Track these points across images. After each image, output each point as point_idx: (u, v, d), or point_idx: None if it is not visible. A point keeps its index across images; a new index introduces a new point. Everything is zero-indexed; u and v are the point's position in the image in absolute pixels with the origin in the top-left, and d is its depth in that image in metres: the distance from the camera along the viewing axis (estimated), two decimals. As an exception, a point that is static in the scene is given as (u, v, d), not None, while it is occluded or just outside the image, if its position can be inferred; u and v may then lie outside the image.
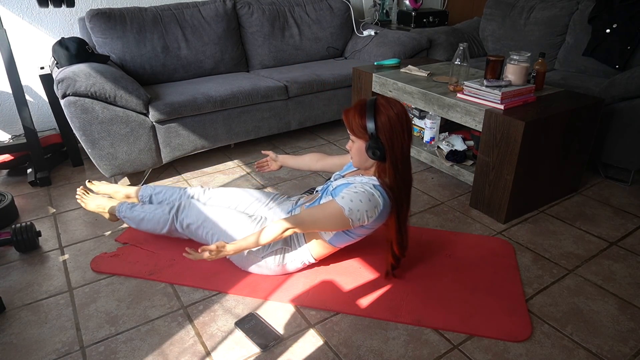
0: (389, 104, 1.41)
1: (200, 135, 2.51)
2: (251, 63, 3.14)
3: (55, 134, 2.71)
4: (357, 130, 1.44)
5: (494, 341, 1.42)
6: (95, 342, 1.44)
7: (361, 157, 1.48)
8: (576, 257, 1.82)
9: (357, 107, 1.44)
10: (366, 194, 1.43)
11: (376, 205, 1.44)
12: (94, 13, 2.59)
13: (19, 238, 1.83)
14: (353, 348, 1.40)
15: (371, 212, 1.44)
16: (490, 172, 2.02)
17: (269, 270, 1.66)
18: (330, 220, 1.44)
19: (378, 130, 1.39)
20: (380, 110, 1.40)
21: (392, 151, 1.42)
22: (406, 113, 1.43)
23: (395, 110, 1.40)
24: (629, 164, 2.29)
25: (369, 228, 1.54)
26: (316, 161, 1.88)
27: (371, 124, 1.39)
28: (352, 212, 1.42)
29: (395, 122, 1.39)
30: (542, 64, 2.15)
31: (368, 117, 1.39)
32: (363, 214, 1.43)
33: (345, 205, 1.42)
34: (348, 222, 1.43)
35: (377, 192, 1.45)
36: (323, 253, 1.65)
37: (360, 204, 1.42)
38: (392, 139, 1.40)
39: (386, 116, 1.39)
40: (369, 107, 1.40)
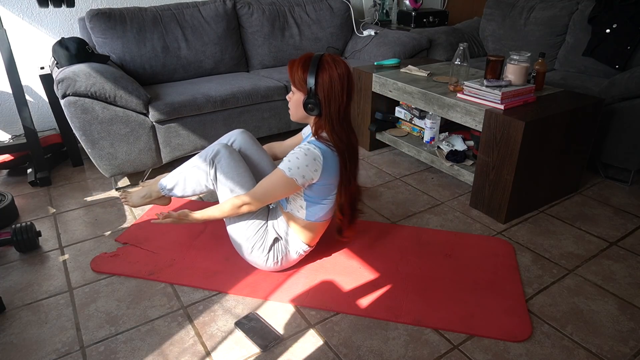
0: (334, 63, 1.43)
1: (200, 135, 2.51)
2: (251, 63, 3.14)
3: (55, 134, 2.71)
4: (297, 83, 1.47)
5: (494, 341, 1.42)
6: (95, 342, 1.44)
7: (298, 110, 1.52)
8: (576, 257, 1.82)
9: (301, 60, 1.46)
10: (302, 150, 1.46)
11: (315, 157, 1.46)
12: (94, 13, 2.59)
13: (19, 238, 1.83)
14: (353, 348, 1.40)
15: (312, 164, 1.46)
16: (490, 172, 2.02)
17: (270, 268, 1.68)
18: (277, 186, 1.48)
19: (317, 86, 1.42)
20: (324, 67, 1.42)
21: (328, 108, 1.45)
22: (349, 75, 1.45)
23: (338, 71, 1.42)
24: (629, 164, 2.29)
25: (325, 184, 1.53)
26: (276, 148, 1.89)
27: (312, 79, 1.41)
28: (292, 170, 1.45)
29: (336, 82, 1.42)
30: (542, 64, 2.15)
31: (310, 72, 1.42)
32: (304, 169, 1.45)
33: (284, 167, 1.46)
34: (293, 181, 1.46)
35: (312, 145, 1.47)
36: (312, 235, 1.65)
37: (298, 161, 1.45)
38: (330, 97, 1.43)
39: (328, 74, 1.41)
40: (313, 62, 1.43)
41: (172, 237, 1.94)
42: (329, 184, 1.54)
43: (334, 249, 1.85)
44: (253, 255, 1.63)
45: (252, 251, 1.62)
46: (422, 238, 1.93)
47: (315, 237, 1.68)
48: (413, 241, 1.91)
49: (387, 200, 2.25)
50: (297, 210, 1.60)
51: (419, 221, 2.07)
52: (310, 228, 1.63)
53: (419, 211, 2.15)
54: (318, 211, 1.60)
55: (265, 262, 1.64)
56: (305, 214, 1.60)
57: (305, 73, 1.43)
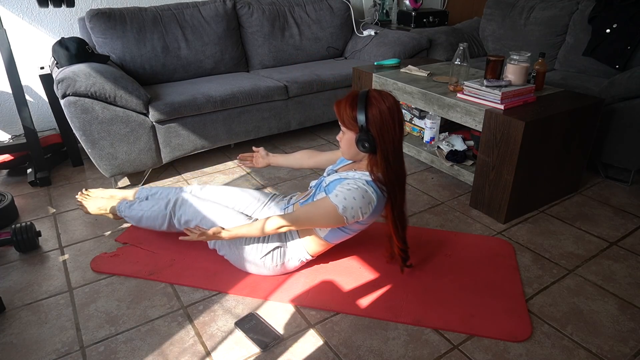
0: (380, 97, 1.41)
1: (200, 135, 2.51)
2: (251, 63, 3.14)
3: (55, 134, 2.71)
4: (347, 122, 1.44)
5: (494, 341, 1.42)
6: (95, 342, 1.44)
7: (351, 149, 1.49)
8: (576, 257, 1.82)
9: (348, 98, 1.44)
10: (360, 191, 1.43)
11: (370, 201, 1.45)
12: (94, 13, 2.59)
13: (19, 238, 1.83)
14: (353, 348, 1.40)
15: (365, 208, 1.44)
16: (490, 172, 2.02)
17: (267, 270, 1.66)
18: (325, 218, 1.45)
19: (368, 122, 1.39)
20: (372, 102, 1.40)
21: (382, 144, 1.41)
22: (398, 106, 1.43)
23: (387, 104, 1.40)
24: (629, 164, 2.29)
25: (364, 224, 1.55)
26: (308, 158, 1.88)
27: (362, 116, 1.39)
28: (346, 209, 1.42)
29: (386, 115, 1.39)
30: (542, 64, 2.15)
31: (359, 109, 1.39)
32: (357, 210, 1.43)
33: (339, 203, 1.42)
34: (342, 219, 1.44)
35: (370, 188, 1.45)
36: (319, 250, 1.65)
37: (354, 202, 1.42)
38: (383, 132, 1.40)
39: (377, 109, 1.39)
40: (361, 98, 1.41)
41: (172, 237, 1.94)
42: (366, 223, 1.55)
43: (333, 250, 1.85)
44: (251, 255, 1.62)
45: (250, 252, 1.62)
46: (422, 238, 1.93)
47: (321, 252, 1.68)
48: (413, 241, 1.90)
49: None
50: (319, 229, 1.58)
51: (419, 221, 2.07)
52: (322, 245, 1.64)
53: (419, 211, 2.15)
54: (339, 237, 1.60)
55: (264, 263, 1.63)
56: (326, 234, 1.59)
57: (354, 110, 1.41)
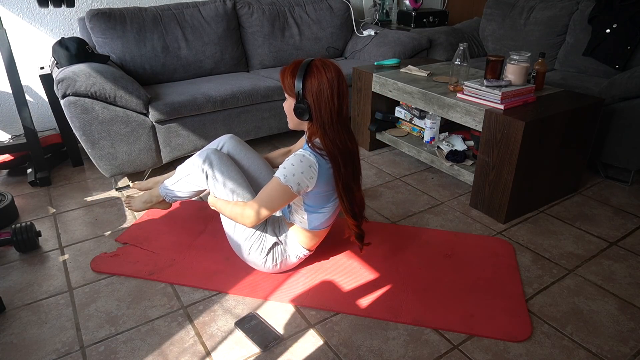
0: (323, 67, 1.41)
1: (200, 135, 2.51)
2: (251, 63, 3.14)
3: (55, 134, 2.71)
4: (288, 89, 1.46)
5: (494, 341, 1.42)
6: (95, 342, 1.44)
7: (291, 116, 1.51)
8: (576, 257, 1.82)
9: (291, 66, 1.45)
10: (296, 157, 1.44)
11: (310, 164, 1.43)
12: (94, 13, 2.59)
13: (19, 238, 1.83)
14: (353, 348, 1.40)
15: (307, 172, 1.43)
16: (490, 172, 2.02)
17: (267, 269, 1.67)
18: (274, 195, 1.46)
19: (305, 91, 1.41)
20: (313, 71, 1.40)
21: (318, 113, 1.42)
22: (340, 77, 1.43)
23: (327, 75, 1.40)
24: (629, 164, 2.29)
25: (321, 191, 1.51)
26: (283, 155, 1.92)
27: (299, 84, 1.40)
28: (287, 178, 1.43)
29: (325, 86, 1.40)
30: (542, 64, 2.15)
31: (298, 77, 1.40)
32: (299, 176, 1.43)
33: (280, 174, 1.44)
34: (288, 189, 1.43)
35: (307, 152, 1.45)
36: (313, 241, 1.65)
37: (292, 167, 1.43)
38: (319, 101, 1.41)
39: (316, 79, 1.40)
40: (302, 67, 1.41)
41: (172, 237, 1.94)
42: (325, 192, 1.52)
43: (333, 250, 1.85)
44: (251, 256, 1.63)
45: (250, 252, 1.62)
46: (422, 238, 1.93)
47: (316, 244, 1.68)
48: (413, 241, 1.91)
49: (387, 200, 2.25)
50: (299, 221, 1.60)
51: (419, 221, 2.07)
52: (312, 235, 1.63)
53: (419, 211, 2.15)
54: (318, 219, 1.59)
55: (264, 263, 1.64)
56: (307, 223, 1.59)
57: (294, 78, 1.42)
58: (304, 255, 1.67)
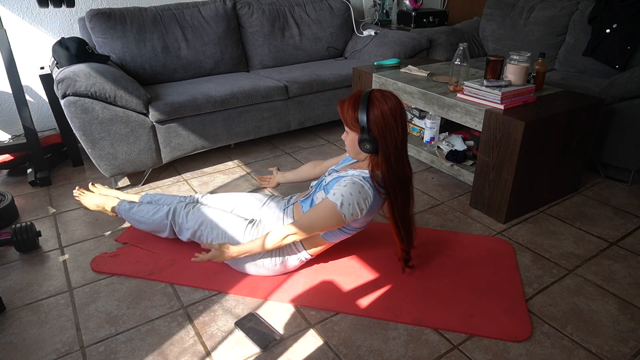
0: (383, 97, 1.41)
1: (200, 135, 2.51)
2: (251, 63, 3.14)
3: (55, 134, 2.71)
4: (350, 122, 1.45)
5: (494, 341, 1.42)
6: (95, 342, 1.44)
7: (354, 149, 1.50)
8: (576, 257, 1.82)
9: (351, 99, 1.44)
10: (355, 186, 1.44)
11: (366, 196, 1.45)
12: (94, 13, 2.59)
13: (19, 238, 1.83)
14: (353, 348, 1.40)
15: (362, 203, 1.44)
16: (490, 172, 2.02)
17: (267, 271, 1.66)
18: (325, 218, 1.46)
19: (370, 123, 1.40)
20: (374, 103, 1.40)
21: (384, 145, 1.42)
22: (401, 107, 1.43)
23: (389, 105, 1.40)
24: (629, 164, 2.29)
25: (361, 221, 1.54)
26: (313, 167, 1.90)
27: (363, 117, 1.39)
28: (343, 206, 1.42)
29: (388, 117, 1.39)
30: (542, 64, 2.15)
31: (361, 110, 1.40)
32: (355, 206, 1.43)
33: (336, 200, 1.43)
34: (341, 217, 1.44)
35: (366, 183, 1.45)
36: (318, 249, 1.65)
37: (351, 197, 1.43)
38: (385, 133, 1.40)
39: (379, 110, 1.39)
40: (363, 99, 1.41)
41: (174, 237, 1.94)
42: (365, 221, 1.55)
43: (333, 250, 1.85)
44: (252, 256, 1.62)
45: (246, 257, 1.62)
46: (422, 238, 1.93)
47: (321, 251, 1.68)
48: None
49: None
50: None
51: (419, 221, 2.07)
52: (320, 243, 1.63)
53: (419, 211, 2.15)
54: (338, 236, 1.61)
55: (263, 264, 1.63)
56: (325, 234, 1.59)
57: (356, 112, 1.41)
58: (305, 259, 1.67)
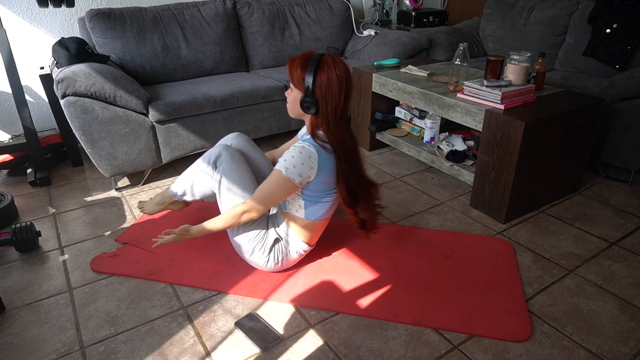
0: (333, 64, 1.43)
1: (200, 135, 2.51)
2: (251, 63, 3.14)
3: (55, 134, 2.71)
4: (296, 81, 1.47)
5: (494, 341, 1.42)
6: (95, 342, 1.44)
7: (295, 107, 1.52)
8: (576, 257, 1.82)
9: (301, 58, 1.46)
10: (297, 149, 1.46)
11: (310, 154, 1.45)
12: (94, 13, 2.59)
13: (19, 238, 1.83)
14: (353, 348, 1.40)
15: (307, 162, 1.45)
16: (490, 172, 2.02)
17: (270, 269, 1.68)
18: (276, 187, 1.47)
19: (315, 85, 1.42)
20: (323, 67, 1.42)
21: (324, 108, 1.44)
22: (348, 76, 1.45)
23: (337, 72, 1.42)
24: (629, 164, 2.29)
25: (322, 182, 1.52)
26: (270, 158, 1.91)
27: (309, 78, 1.41)
28: (288, 170, 1.44)
29: (334, 82, 1.41)
30: (542, 64, 2.15)
31: (309, 71, 1.41)
32: (299, 167, 1.45)
33: (281, 167, 1.46)
34: (290, 181, 1.45)
35: (306, 143, 1.47)
36: (312, 234, 1.65)
37: (293, 159, 1.45)
38: (327, 98, 1.43)
39: (326, 74, 1.41)
40: (313, 61, 1.42)
41: (172, 237, 1.94)
42: (325, 182, 1.53)
43: (333, 249, 1.85)
44: (254, 256, 1.63)
45: (252, 252, 1.62)
46: (422, 238, 1.93)
47: (315, 236, 1.68)
48: (413, 241, 1.91)
49: (387, 200, 2.25)
50: (295, 210, 1.60)
51: (419, 221, 2.07)
52: (309, 227, 1.63)
53: (419, 211, 2.15)
54: (317, 210, 1.60)
55: (266, 263, 1.64)
56: (304, 213, 1.60)
57: (304, 72, 1.43)
58: (305, 251, 1.67)
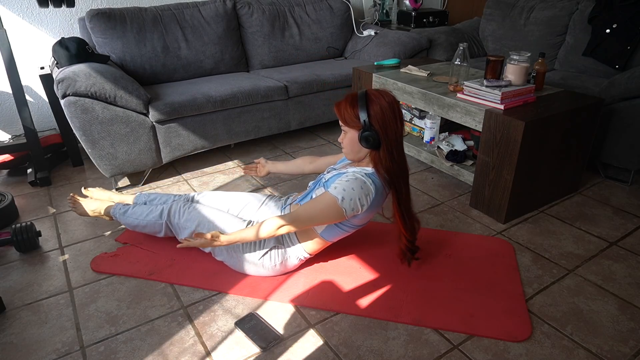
0: (380, 94, 1.45)
1: (200, 135, 2.51)
2: (251, 63, 3.14)
3: (55, 134, 2.71)
4: (349, 120, 1.46)
5: (494, 341, 1.42)
6: (95, 342, 1.44)
7: (354, 148, 1.50)
8: (576, 257, 1.82)
9: (348, 98, 1.47)
10: (358, 181, 1.45)
11: (368, 192, 1.46)
12: (94, 13, 2.59)
13: (19, 238, 1.83)
14: (353, 348, 1.40)
15: (364, 199, 1.45)
16: (490, 172, 2.02)
17: (266, 271, 1.66)
18: (325, 212, 1.46)
19: (371, 118, 1.42)
20: (372, 99, 1.43)
21: (386, 138, 1.44)
22: (397, 102, 1.46)
23: (387, 99, 1.44)
24: (629, 164, 2.29)
25: (361, 218, 1.54)
26: (308, 163, 1.90)
27: (364, 112, 1.42)
28: (344, 200, 1.43)
29: (387, 110, 1.42)
30: (542, 64, 2.15)
31: (360, 106, 1.42)
32: (356, 202, 1.44)
33: (338, 194, 1.44)
34: (342, 212, 1.44)
35: (368, 179, 1.47)
36: (317, 248, 1.65)
37: (353, 192, 1.44)
38: (386, 127, 1.43)
39: (378, 105, 1.42)
40: (361, 97, 1.44)
41: (173, 237, 1.94)
42: (364, 217, 1.55)
43: (333, 250, 1.85)
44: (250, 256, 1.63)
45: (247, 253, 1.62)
46: (422, 238, 1.93)
47: (319, 250, 1.68)
48: (413, 241, 1.91)
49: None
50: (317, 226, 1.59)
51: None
52: (319, 242, 1.63)
53: (419, 211, 2.15)
54: (337, 234, 1.60)
55: (262, 264, 1.63)
56: (323, 231, 1.59)
57: (356, 109, 1.43)
58: (304, 258, 1.67)
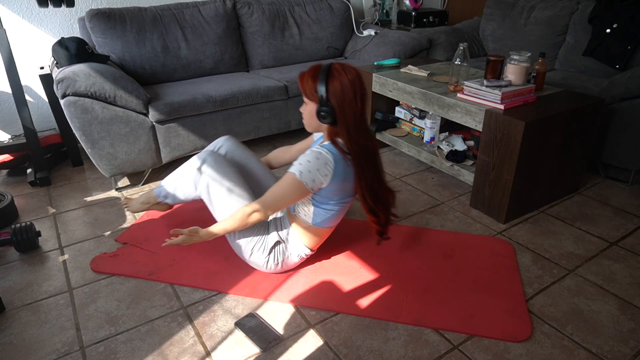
0: (343, 70, 1.43)
1: (200, 135, 2.51)
2: (251, 63, 3.14)
3: (55, 134, 2.71)
4: (308, 93, 1.47)
5: (494, 341, 1.42)
6: (95, 342, 1.44)
7: (312, 120, 1.51)
8: (576, 257, 1.82)
9: (311, 71, 1.47)
10: (313, 154, 1.45)
11: (326, 161, 1.45)
12: (94, 13, 2.59)
13: (19, 238, 1.83)
14: (353, 348, 1.40)
15: (323, 169, 1.45)
16: (490, 172, 2.02)
17: (270, 270, 1.67)
18: (288, 190, 1.46)
19: (329, 93, 1.42)
20: (334, 74, 1.42)
21: (342, 115, 1.44)
22: (360, 80, 1.45)
23: (349, 77, 1.42)
24: (629, 164, 2.29)
25: (335, 190, 1.52)
26: (283, 153, 1.91)
27: (322, 87, 1.41)
28: (302, 174, 1.44)
29: (347, 88, 1.41)
30: (542, 64, 2.15)
31: (320, 81, 1.42)
32: (314, 172, 1.44)
33: (295, 170, 1.45)
34: (303, 185, 1.45)
35: (324, 149, 1.46)
36: (315, 240, 1.65)
37: (309, 164, 1.44)
38: (343, 104, 1.42)
39: (338, 81, 1.41)
40: (323, 71, 1.43)
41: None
42: (338, 190, 1.53)
43: (334, 249, 1.85)
44: (253, 256, 1.63)
45: (252, 253, 1.62)
46: (422, 238, 1.93)
47: (318, 242, 1.67)
48: (413, 241, 1.91)
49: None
50: (304, 214, 1.59)
51: (419, 221, 2.07)
52: (314, 232, 1.63)
53: (419, 211, 2.15)
54: (325, 216, 1.60)
55: (266, 264, 1.64)
56: (311, 217, 1.59)
57: (316, 82, 1.43)
58: (306, 255, 1.67)
